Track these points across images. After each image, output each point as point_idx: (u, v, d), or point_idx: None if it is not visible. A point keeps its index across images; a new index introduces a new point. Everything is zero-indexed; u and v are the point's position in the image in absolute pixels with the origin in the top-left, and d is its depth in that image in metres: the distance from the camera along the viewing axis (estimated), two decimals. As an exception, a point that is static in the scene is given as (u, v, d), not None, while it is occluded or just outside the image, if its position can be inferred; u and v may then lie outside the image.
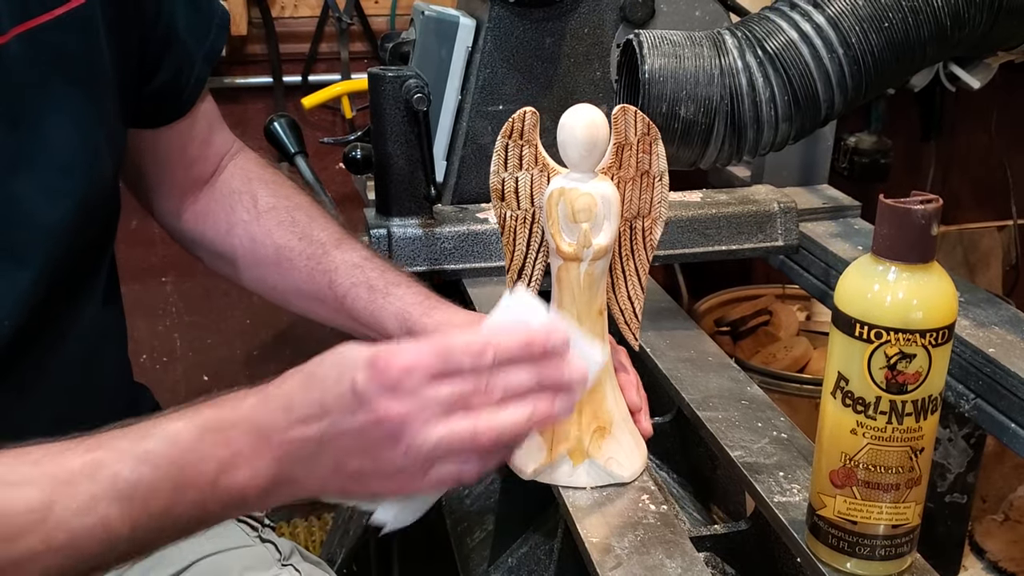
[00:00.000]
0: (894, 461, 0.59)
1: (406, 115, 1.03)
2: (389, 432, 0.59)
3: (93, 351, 0.81)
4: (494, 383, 0.59)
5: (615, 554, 0.65)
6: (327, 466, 0.61)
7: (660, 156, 0.71)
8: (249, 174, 0.94)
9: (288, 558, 0.92)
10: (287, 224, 0.92)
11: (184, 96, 0.87)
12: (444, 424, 0.58)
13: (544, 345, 0.60)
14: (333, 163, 1.83)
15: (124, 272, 0.93)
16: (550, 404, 0.60)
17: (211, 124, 0.92)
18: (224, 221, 0.93)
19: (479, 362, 0.59)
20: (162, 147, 0.89)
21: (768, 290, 1.90)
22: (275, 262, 0.91)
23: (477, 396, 0.59)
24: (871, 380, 0.58)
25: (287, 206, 0.93)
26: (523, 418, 0.60)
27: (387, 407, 0.58)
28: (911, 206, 0.56)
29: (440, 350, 0.59)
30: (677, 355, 0.92)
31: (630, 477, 0.74)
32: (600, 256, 0.70)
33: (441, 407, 0.59)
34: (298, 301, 0.92)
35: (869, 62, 0.86)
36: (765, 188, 1.21)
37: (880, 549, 0.62)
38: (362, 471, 0.61)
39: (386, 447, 0.59)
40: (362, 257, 0.88)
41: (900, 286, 0.57)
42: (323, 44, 1.83)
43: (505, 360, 0.60)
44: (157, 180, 0.93)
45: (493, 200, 0.75)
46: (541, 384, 0.60)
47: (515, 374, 0.60)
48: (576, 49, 1.15)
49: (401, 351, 0.59)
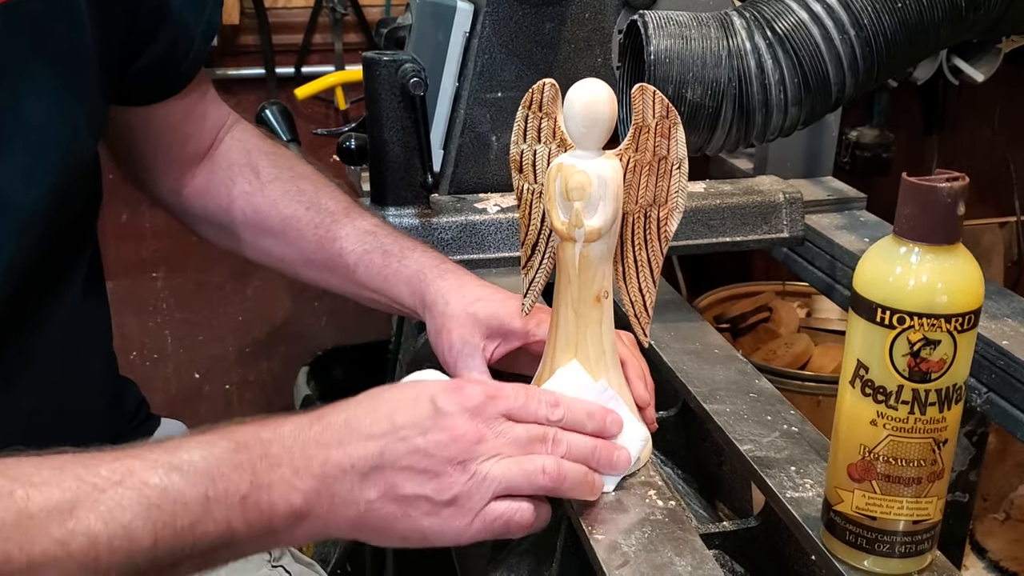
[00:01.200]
0: (916, 453, 0.56)
1: (402, 101, 1.00)
2: (462, 451, 0.60)
3: (76, 341, 0.78)
4: (561, 440, 0.64)
5: (622, 552, 0.62)
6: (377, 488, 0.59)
7: (679, 142, 0.68)
8: (248, 146, 0.93)
9: (279, 559, 0.89)
10: (293, 194, 0.90)
11: (182, 70, 0.85)
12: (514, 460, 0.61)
13: (604, 422, 0.67)
14: (326, 156, 1.80)
15: (113, 267, 0.91)
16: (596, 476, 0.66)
17: (206, 97, 0.90)
18: (225, 195, 0.91)
19: (552, 415, 0.64)
20: (157, 124, 0.87)
21: (768, 287, 1.87)
22: (281, 232, 0.89)
23: (545, 445, 0.63)
24: (892, 368, 0.55)
25: (291, 176, 0.92)
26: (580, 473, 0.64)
27: (466, 426, 0.60)
28: (936, 183, 0.53)
29: (521, 391, 0.64)
30: (682, 347, 0.89)
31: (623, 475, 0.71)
32: (594, 239, 0.67)
33: (514, 443, 0.62)
34: (307, 271, 0.90)
35: (881, 44, 0.83)
36: (770, 179, 1.18)
37: (900, 546, 0.59)
38: (415, 497, 0.60)
39: (452, 468, 0.60)
40: (373, 224, 0.87)
41: (924, 268, 0.54)
42: (317, 35, 1.80)
43: (572, 422, 0.65)
44: (152, 158, 0.90)
45: (512, 171, 0.73)
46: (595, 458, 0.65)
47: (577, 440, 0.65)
48: (577, 35, 1.12)
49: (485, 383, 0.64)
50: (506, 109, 1.11)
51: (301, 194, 0.90)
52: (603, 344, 0.70)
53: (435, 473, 0.59)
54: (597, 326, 0.70)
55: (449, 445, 0.60)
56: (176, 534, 0.55)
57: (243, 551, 0.59)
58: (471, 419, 0.61)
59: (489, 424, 0.61)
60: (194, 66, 0.85)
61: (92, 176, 0.79)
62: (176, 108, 0.87)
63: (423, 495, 0.59)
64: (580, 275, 0.68)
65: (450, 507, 0.60)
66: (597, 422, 0.66)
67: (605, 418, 0.67)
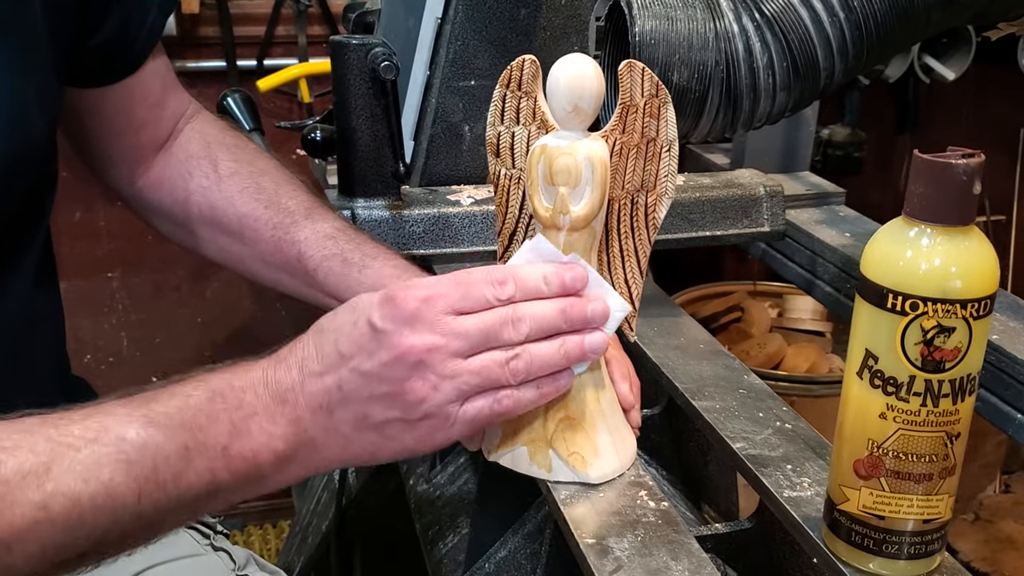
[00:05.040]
0: (927, 448, 0.53)
1: (372, 86, 0.95)
2: (413, 367, 0.56)
3: (26, 332, 0.74)
4: (521, 317, 0.57)
5: (614, 556, 0.58)
6: (349, 422, 0.57)
7: (669, 122, 0.64)
8: (208, 137, 0.88)
9: (243, 567, 0.85)
10: (251, 190, 0.86)
11: (136, 49, 0.80)
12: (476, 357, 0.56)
13: (563, 280, 0.59)
14: (289, 152, 1.75)
15: (67, 267, 0.86)
16: (579, 339, 0.59)
17: (164, 83, 0.85)
18: (182, 188, 0.87)
19: (500, 294, 0.57)
20: (111, 107, 0.82)
21: (739, 286, 1.85)
22: (238, 231, 0.85)
23: (506, 330, 0.57)
24: (904, 357, 0.52)
25: (251, 171, 0.87)
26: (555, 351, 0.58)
27: (408, 340, 0.55)
28: (952, 160, 0.50)
29: (459, 281, 0.57)
30: (666, 342, 0.85)
31: (597, 479, 0.66)
32: (580, 226, 0.63)
33: (469, 340, 0.56)
34: (264, 272, 0.86)
35: (871, 27, 0.80)
36: (750, 172, 1.15)
37: (908, 547, 0.55)
38: (388, 421, 0.57)
39: (412, 385, 0.56)
40: (335, 228, 0.82)
41: (936, 251, 0.51)
42: (279, 27, 1.76)
43: (527, 293, 0.58)
44: (107, 144, 0.85)
45: (488, 155, 0.69)
46: (567, 319, 0.59)
47: (540, 308, 0.58)
48: (552, 21, 1.08)
49: (417, 284, 0.57)
50: (480, 98, 1.07)
51: (260, 191, 0.85)
52: None
53: (396, 394, 0.56)
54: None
55: (397, 364, 0.56)
56: (159, 488, 0.53)
57: (230, 499, 0.58)
58: (412, 330, 0.56)
59: (434, 328, 0.56)
60: (148, 44, 0.81)
61: (44, 158, 0.74)
62: (132, 91, 0.82)
63: (395, 418, 0.57)
64: None
65: (426, 420, 0.57)
66: (556, 282, 0.59)
67: (564, 276, 0.59)
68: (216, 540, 0.86)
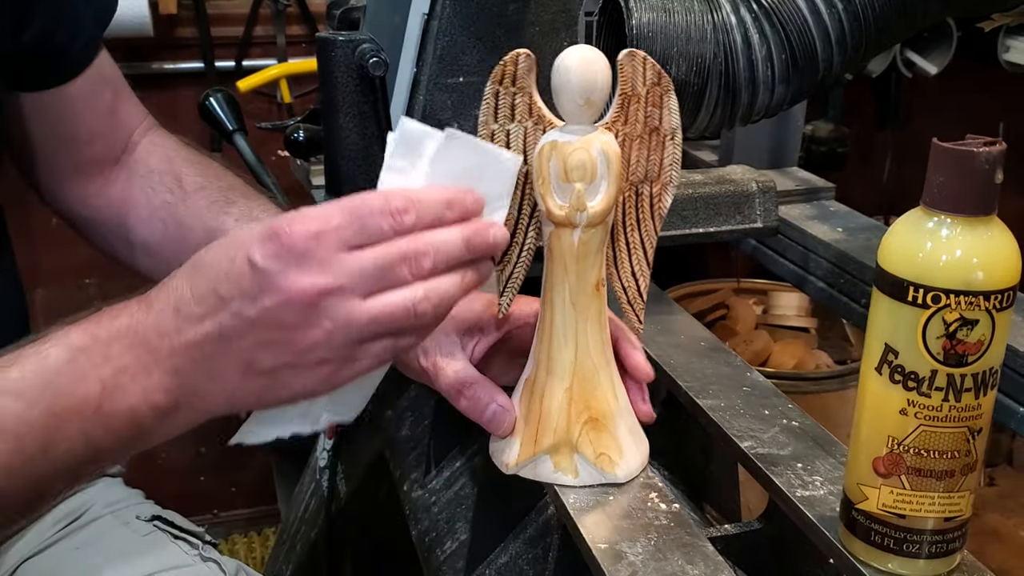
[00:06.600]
0: (949, 444, 0.52)
1: (360, 83, 0.93)
2: (304, 312, 0.50)
3: None
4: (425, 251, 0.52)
5: (628, 561, 0.56)
6: (235, 369, 0.52)
7: (672, 111, 0.63)
8: (169, 152, 0.84)
9: (231, 578, 0.82)
10: (220, 204, 0.82)
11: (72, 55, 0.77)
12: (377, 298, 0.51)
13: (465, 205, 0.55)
14: (270, 153, 1.72)
15: (43, 274, 0.83)
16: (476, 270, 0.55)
17: (116, 94, 0.82)
18: (144, 205, 0.83)
19: (400, 225, 0.52)
20: (54, 113, 0.79)
21: (724, 284, 1.84)
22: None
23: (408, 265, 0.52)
24: (926, 351, 0.50)
25: (219, 186, 0.83)
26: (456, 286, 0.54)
27: (297, 282, 0.50)
28: (973, 148, 0.48)
29: (353, 211, 0.51)
30: (667, 340, 0.84)
31: (624, 477, 0.65)
32: (596, 222, 0.62)
33: (366, 279, 0.51)
34: None
35: (870, 18, 0.79)
36: (741, 168, 1.14)
37: (929, 545, 0.54)
38: (277, 368, 0.52)
39: (304, 332, 0.51)
40: None
41: (957, 242, 0.50)
42: (258, 27, 1.73)
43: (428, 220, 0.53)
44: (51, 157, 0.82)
45: None
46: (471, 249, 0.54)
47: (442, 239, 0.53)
48: (541, 16, 1.06)
49: (305, 216, 0.51)
50: (468, 95, 1.05)
51: (230, 204, 0.82)
52: (602, 336, 0.64)
53: (286, 341, 0.51)
54: (597, 317, 0.64)
55: (285, 309, 0.50)
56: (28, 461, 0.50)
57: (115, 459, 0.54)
58: (300, 269, 0.50)
59: (326, 267, 0.50)
60: (85, 53, 0.78)
61: None
62: (76, 98, 0.79)
63: (286, 363, 0.52)
64: (578, 264, 0.62)
65: (323, 365, 0.52)
66: (457, 207, 0.55)
67: (466, 201, 0.55)
68: (205, 551, 0.83)
